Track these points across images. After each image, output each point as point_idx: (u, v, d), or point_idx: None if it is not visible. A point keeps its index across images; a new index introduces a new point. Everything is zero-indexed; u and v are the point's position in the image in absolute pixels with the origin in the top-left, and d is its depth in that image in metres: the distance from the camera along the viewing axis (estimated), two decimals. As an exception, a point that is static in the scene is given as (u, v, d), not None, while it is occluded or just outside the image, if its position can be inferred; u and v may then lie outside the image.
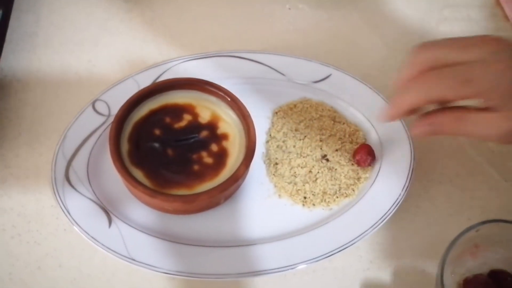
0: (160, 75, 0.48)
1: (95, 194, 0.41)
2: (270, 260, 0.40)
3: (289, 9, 0.57)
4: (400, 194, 0.42)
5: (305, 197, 0.43)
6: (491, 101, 0.33)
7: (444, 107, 0.36)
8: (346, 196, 0.43)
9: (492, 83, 0.33)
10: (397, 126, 0.46)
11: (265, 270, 0.39)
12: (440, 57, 0.35)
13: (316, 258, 0.40)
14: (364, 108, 0.47)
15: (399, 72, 0.37)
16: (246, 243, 0.41)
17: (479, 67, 0.33)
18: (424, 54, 0.35)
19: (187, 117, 0.43)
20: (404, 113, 0.37)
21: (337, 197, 0.43)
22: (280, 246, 0.41)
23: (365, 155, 0.44)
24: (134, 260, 0.38)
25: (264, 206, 0.43)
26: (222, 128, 0.43)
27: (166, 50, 0.52)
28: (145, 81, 0.47)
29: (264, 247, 0.40)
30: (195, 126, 0.43)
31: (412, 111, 0.36)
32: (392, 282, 0.41)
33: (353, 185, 0.44)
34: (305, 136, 0.46)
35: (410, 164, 0.44)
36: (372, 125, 0.47)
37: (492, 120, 0.34)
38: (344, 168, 0.44)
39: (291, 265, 0.39)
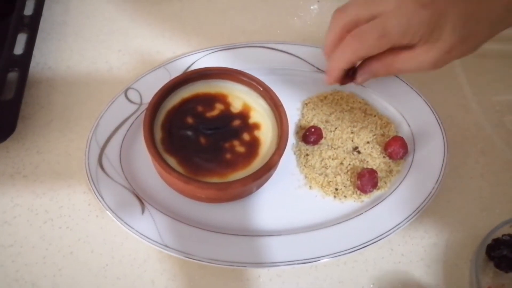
0: (191, 64, 0.48)
1: (128, 181, 0.41)
2: (301, 250, 0.39)
3: (318, 1, 0.57)
4: (433, 187, 0.42)
5: (336, 189, 0.43)
6: (408, 42, 0.38)
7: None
8: (378, 189, 0.43)
9: (404, 28, 0.37)
10: (430, 119, 0.45)
11: (296, 260, 0.39)
12: (355, 18, 0.39)
13: (347, 250, 0.39)
14: (395, 100, 0.47)
15: (325, 39, 0.42)
16: (277, 233, 0.40)
17: (391, 16, 0.37)
18: (341, 19, 0.40)
19: (219, 106, 0.43)
20: (339, 77, 0.42)
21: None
22: (311, 237, 0.40)
23: (397, 147, 0.44)
24: (167, 246, 0.38)
25: (295, 196, 0.43)
26: (254, 117, 0.43)
27: (196, 41, 0.52)
28: (176, 70, 0.47)
29: (295, 237, 0.40)
30: (227, 115, 0.43)
31: (347, 70, 0.42)
32: (423, 276, 0.40)
33: (385, 177, 0.43)
34: (336, 128, 0.46)
35: (444, 158, 0.43)
36: (404, 118, 0.46)
37: (415, 57, 0.39)
38: (376, 161, 0.44)
39: (322, 256, 0.39)
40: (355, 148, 0.45)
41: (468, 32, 0.37)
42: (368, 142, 0.45)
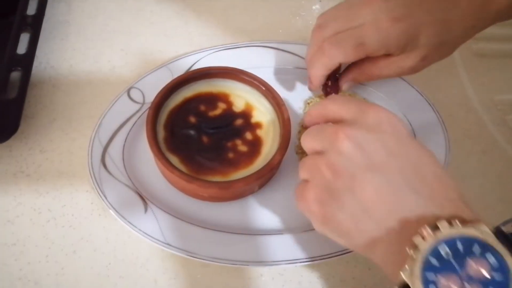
0: (193, 64, 0.48)
1: (131, 180, 0.41)
2: (303, 249, 0.40)
3: (320, 1, 0.57)
4: (435, 186, 0.42)
5: (338, 188, 0.43)
6: (384, 53, 0.39)
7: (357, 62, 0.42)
8: (379, 188, 0.43)
9: (381, 42, 0.38)
10: (432, 118, 0.45)
11: (298, 259, 0.39)
12: (335, 32, 0.40)
13: (349, 249, 0.40)
14: (397, 99, 0.47)
15: (306, 54, 0.43)
16: (279, 232, 0.40)
17: (368, 30, 0.38)
18: (321, 35, 0.41)
19: (221, 106, 0.43)
20: (320, 83, 0.43)
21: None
22: (313, 236, 0.40)
23: (399, 146, 0.44)
24: (170, 245, 0.38)
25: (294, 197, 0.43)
26: (256, 117, 0.43)
27: (198, 40, 0.52)
28: (178, 70, 0.47)
29: (297, 236, 0.40)
30: (230, 115, 0.43)
31: (329, 75, 0.43)
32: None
33: (387, 176, 0.43)
34: (338, 127, 0.46)
35: (445, 157, 0.43)
36: (406, 117, 0.46)
37: (393, 64, 0.41)
38: (378, 160, 0.44)
39: (324, 255, 0.39)
40: (357, 147, 0.45)
41: (441, 40, 0.39)
42: (370, 141, 0.45)
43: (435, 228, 0.27)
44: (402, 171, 0.30)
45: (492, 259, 0.26)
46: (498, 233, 0.27)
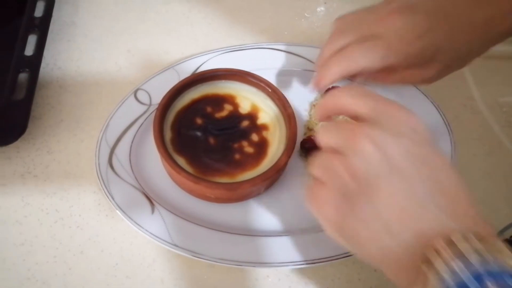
0: (200, 65, 0.48)
1: (138, 181, 0.42)
2: (310, 250, 0.40)
3: (325, 3, 0.58)
4: (441, 188, 0.42)
5: (344, 189, 0.43)
6: (407, 66, 0.40)
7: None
8: (385, 189, 0.43)
9: (404, 56, 0.39)
10: (437, 120, 0.46)
11: (305, 261, 0.39)
12: (358, 38, 0.40)
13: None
14: (402, 101, 0.46)
15: (322, 51, 0.42)
16: (286, 233, 0.41)
17: (393, 41, 0.39)
18: (343, 38, 0.40)
19: (227, 107, 0.44)
20: (331, 84, 0.41)
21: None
22: (320, 237, 0.40)
23: (405, 148, 0.44)
24: (176, 246, 0.38)
25: (304, 197, 0.43)
26: (262, 118, 0.43)
27: (203, 41, 0.53)
28: (185, 71, 0.47)
29: (304, 237, 0.40)
30: (236, 116, 0.43)
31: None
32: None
33: (392, 178, 0.44)
34: (343, 129, 0.46)
35: (451, 159, 0.44)
36: (411, 119, 0.46)
37: (410, 76, 0.41)
38: (383, 161, 0.44)
39: (331, 257, 0.39)
40: (363, 149, 0.45)
41: (454, 57, 0.40)
42: (375, 143, 0.45)
43: (450, 243, 0.25)
44: (424, 181, 0.27)
45: None
46: None
